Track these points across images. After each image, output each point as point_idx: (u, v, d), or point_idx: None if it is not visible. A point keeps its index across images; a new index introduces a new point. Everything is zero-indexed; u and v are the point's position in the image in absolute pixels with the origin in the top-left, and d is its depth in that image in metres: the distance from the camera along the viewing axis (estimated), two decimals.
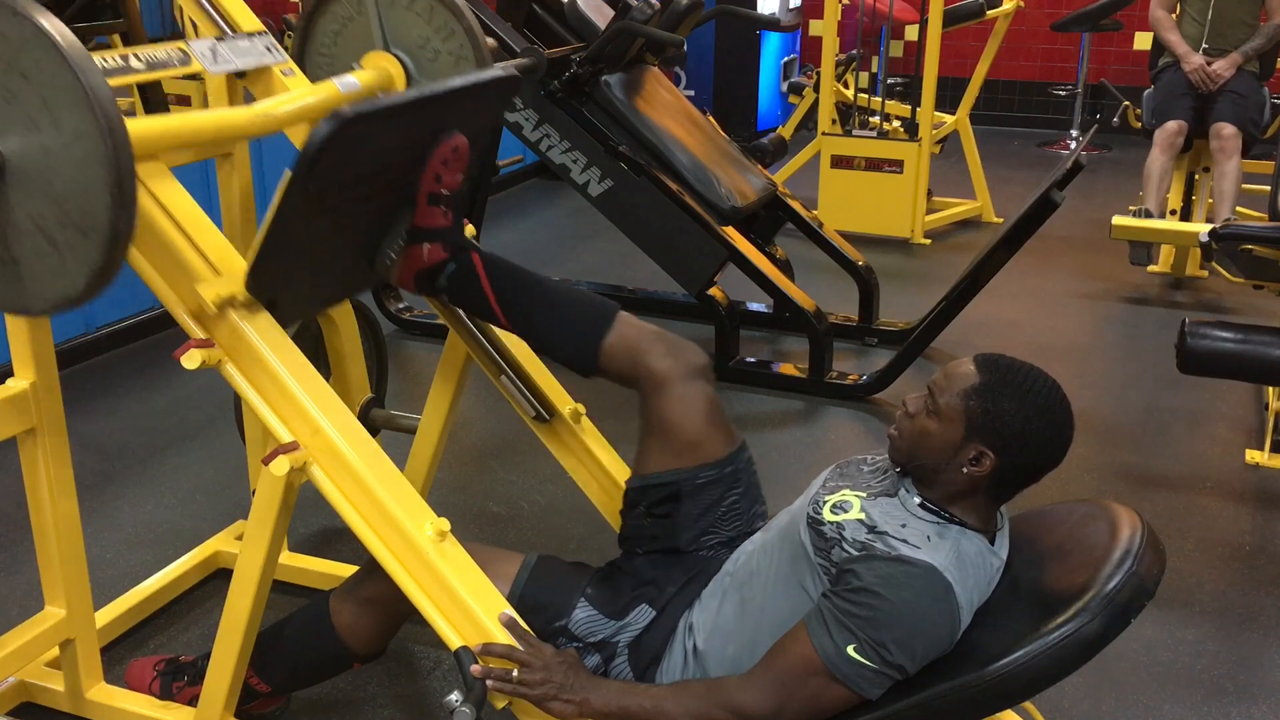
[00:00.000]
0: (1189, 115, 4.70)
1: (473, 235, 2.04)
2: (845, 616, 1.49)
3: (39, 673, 2.14)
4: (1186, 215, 4.89)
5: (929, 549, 1.51)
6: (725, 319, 3.79)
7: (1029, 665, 1.45)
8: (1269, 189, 3.20)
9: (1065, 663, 1.45)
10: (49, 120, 1.32)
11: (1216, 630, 2.48)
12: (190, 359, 1.61)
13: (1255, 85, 4.76)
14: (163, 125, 1.61)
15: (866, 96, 5.93)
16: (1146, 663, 2.36)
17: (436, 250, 1.83)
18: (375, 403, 2.63)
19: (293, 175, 1.52)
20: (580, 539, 2.80)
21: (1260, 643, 2.44)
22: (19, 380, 1.84)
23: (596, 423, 2.15)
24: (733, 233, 3.78)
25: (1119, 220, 4.14)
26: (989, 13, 5.66)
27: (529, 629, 1.63)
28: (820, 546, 1.59)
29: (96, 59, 1.44)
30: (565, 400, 2.12)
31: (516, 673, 1.57)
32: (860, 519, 1.57)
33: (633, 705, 1.59)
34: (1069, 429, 1.57)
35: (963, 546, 1.54)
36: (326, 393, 1.66)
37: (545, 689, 1.58)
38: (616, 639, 1.75)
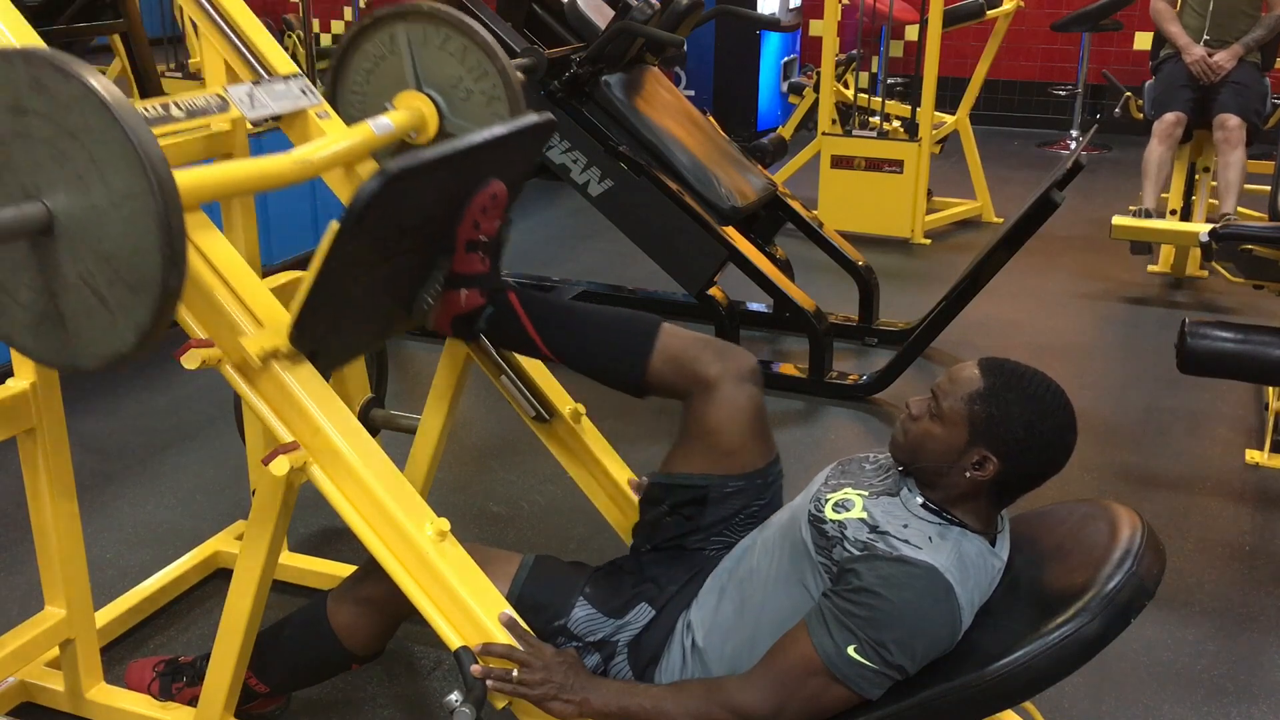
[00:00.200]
0: (1188, 107, 4.70)
1: None
2: (846, 616, 1.49)
3: (39, 673, 2.14)
4: (1186, 215, 4.89)
5: (930, 550, 1.51)
6: (725, 319, 3.79)
7: (1029, 665, 1.45)
8: (1269, 189, 3.21)
9: (1065, 663, 1.45)
10: (98, 178, 1.30)
11: (1216, 630, 2.48)
12: (190, 359, 1.61)
13: (1257, 75, 4.75)
14: (207, 177, 1.59)
15: (866, 96, 5.93)
16: (1146, 663, 2.36)
17: (474, 296, 1.84)
18: (375, 403, 2.63)
19: (339, 231, 1.51)
20: (580, 539, 2.79)
21: (1260, 643, 2.44)
22: (19, 380, 1.84)
23: (596, 423, 2.15)
24: (733, 233, 3.77)
25: (1119, 220, 4.14)
26: (989, 13, 5.65)
27: (529, 629, 1.63)
28: (821, 545, 1.59)
29: (138, 107, 1.41)
30: (565, 400, 2.12)
31: (516, 673, 1.57)
32: (862, 518, 1.57)
33: (632, 705, 1.59)
34: (1072, 435, 1.57)
35: (964, 548, 1.54)
36: (327, 393, 1.66)
37: (545, 689, 1.58)
38: (616, 638, 1.75)
